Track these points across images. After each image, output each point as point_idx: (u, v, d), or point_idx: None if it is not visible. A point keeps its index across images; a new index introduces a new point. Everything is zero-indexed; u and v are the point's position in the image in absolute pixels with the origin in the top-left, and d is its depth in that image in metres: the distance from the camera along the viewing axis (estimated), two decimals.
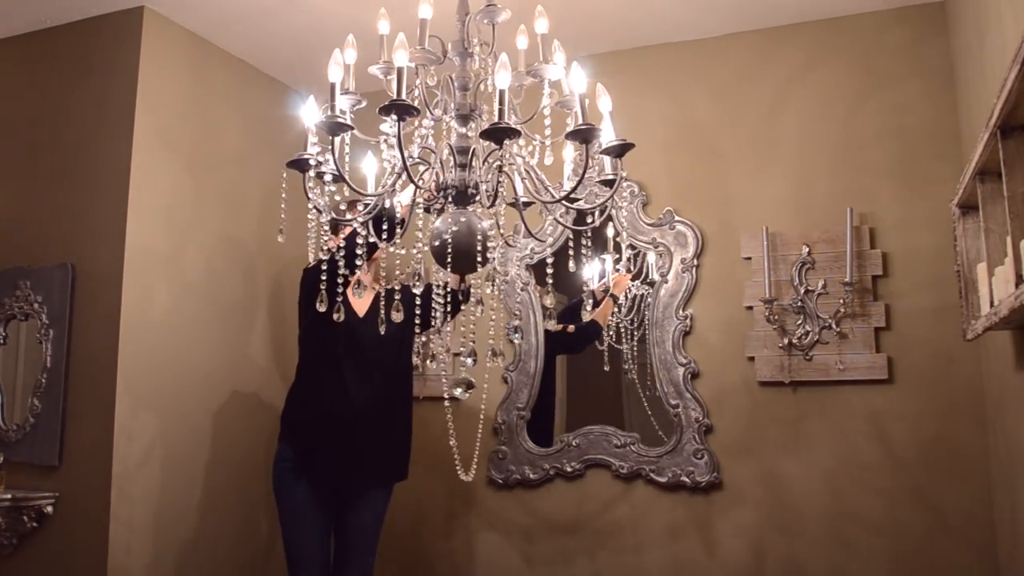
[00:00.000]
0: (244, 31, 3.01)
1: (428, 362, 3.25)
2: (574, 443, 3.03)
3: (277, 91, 3.43)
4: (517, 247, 3.13)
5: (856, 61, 2.87)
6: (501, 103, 1.41)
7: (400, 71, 1.42)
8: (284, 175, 1.65)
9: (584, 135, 1.48)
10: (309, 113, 1.60)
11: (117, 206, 2.71)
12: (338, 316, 1.70)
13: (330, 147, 1.52)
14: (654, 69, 3.13)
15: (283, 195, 1.69)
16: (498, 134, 1.42)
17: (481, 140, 1.58)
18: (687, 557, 2.82)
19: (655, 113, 3.10)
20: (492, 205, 1.65)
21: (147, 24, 2.81)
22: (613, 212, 2.89)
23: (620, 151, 1.55)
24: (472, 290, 1.76)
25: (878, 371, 2.69)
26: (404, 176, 1.58)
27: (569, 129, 1.52)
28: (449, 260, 1.58)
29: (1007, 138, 1.59)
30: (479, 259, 1.60)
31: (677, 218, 2.99)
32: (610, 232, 3.01)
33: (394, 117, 1.42)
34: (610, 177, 1.62)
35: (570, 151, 1.82)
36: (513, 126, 1.42)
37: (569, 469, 3.01)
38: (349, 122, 1.53)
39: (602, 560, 2.93)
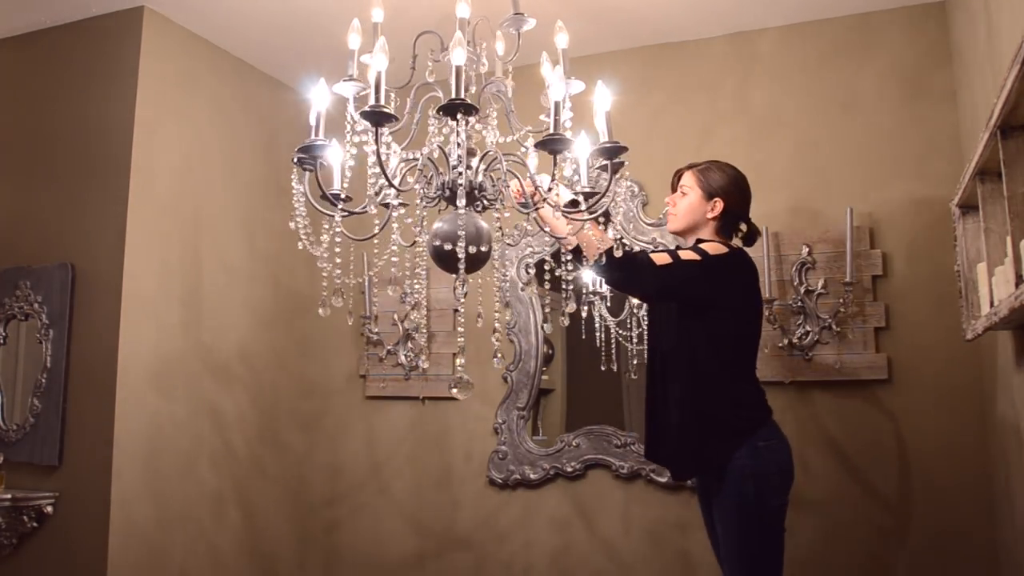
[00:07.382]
0: (244, 31, 3.01)
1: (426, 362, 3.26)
2: (574, 443, 3.03)
3: (277, 90, 3.43)
4: (517, 247, 3.12)
5: (856, 60, 2.87)
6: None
7: (459, 69, 1.44)
8: (294, 167, 1.64)
9: (611, 153, 1.57)
10: (320, 96, 1.58)
11: (117, 206, 2.71)
12: None
13: (374, 136, 1.51)
14: (659, 68, 3.13)
15: (294, 184, 1.66)
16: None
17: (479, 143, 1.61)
18: (688, 557, 2.82)
19: (657, 113, 3.10)
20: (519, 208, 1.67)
21: (147, 24, 2.81)
22: (612, 212, 2.89)
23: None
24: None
25: (878, 371, 2.68)
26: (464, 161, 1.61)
27: (597, 147, 1.59)
28: (445, 260, 1.60)
29: (1007, 138, 1.59)
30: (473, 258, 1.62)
31: None
32: (611, 233, 2.99)
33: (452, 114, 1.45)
34: (604, 160, 1.66)
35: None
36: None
37: (569, 469, 3.01)
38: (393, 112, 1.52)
39: (602, 560, 2.93)
